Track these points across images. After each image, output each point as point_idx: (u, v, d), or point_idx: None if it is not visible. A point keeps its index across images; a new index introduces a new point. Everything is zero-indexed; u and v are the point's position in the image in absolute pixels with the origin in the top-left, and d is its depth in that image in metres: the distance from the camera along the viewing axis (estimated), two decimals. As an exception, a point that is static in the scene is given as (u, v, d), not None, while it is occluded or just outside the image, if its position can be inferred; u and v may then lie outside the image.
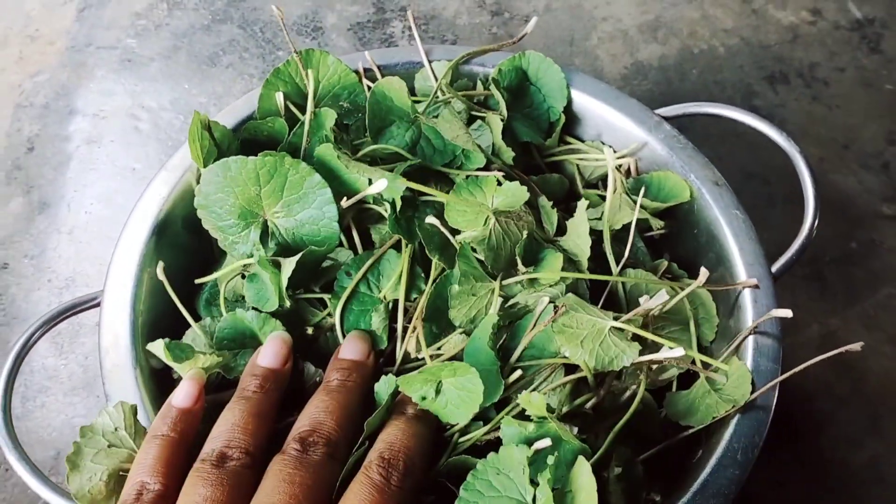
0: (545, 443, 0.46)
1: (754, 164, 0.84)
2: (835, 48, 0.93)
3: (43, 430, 0.69)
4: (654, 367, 0.55)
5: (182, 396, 0.48)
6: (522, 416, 0.49)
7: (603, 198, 0.62)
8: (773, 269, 0.58)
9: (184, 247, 0.61)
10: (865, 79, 0.91)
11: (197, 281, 0.59)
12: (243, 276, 0.57)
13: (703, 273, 0.54)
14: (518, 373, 0.50)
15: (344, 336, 0.55)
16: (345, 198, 0.56)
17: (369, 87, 0.64)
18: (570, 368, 0.52)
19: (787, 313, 0.53)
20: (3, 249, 0.80)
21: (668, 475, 0.53)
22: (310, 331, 0.56)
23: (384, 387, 0.51)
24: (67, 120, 0.89)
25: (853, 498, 0.68)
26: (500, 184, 0.58)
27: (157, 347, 0.50)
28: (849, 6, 0.97)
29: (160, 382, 0.55)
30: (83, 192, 0.84)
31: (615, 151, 0.65)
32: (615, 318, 0.51)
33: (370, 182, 0.55)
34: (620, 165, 0.65)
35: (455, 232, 0.56)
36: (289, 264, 0.53)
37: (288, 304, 0.54)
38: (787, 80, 0.91)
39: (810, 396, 0.72)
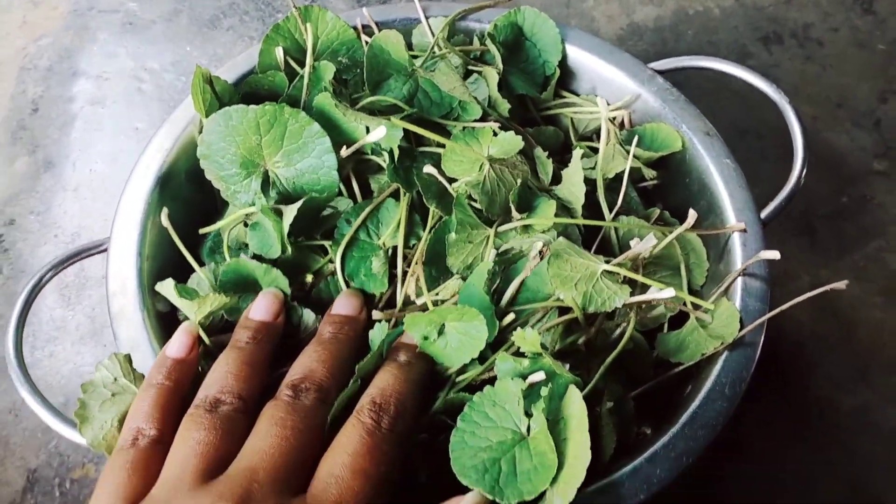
0: (539, 376, 0.47)
1: (748, 121, 0.85)
2: (829, 9, 0.94)
3: (52, 378, 0.71)
4: (644, 307, 0.57)
5: (176, 347, 0.49)
6: (517, 355, 0.51)
7: (596, 150, 0.63)
8: (762, 215, 0.59)
9: (186, 199, 0.62)
10: (858, 39, 0.92)
11: (201, 231, 0.60)
12: (246, 225, 0.59)
13: (692, 215, 0.55)
14: (512, 315, 0.52)
15: (345, 282, 0.57)
16: (344, 147, 0.57)
17: (367, 43, 0.65)
18: (564, 311, 0.53)
19: (774, 255, 0.55)
20: (9, 206, 0.81)
21: (659, 410, 0.55)
22: (309, 278, 0.58)
23: (378, 333, 0.53)
24: (71, 81, 0.90)
25: (837, 439, 0.70)
26: (495, 134, 0.59)
27: (167, 287, 0.52)
28: (843, -32, 0.98)
29: (166, 325, 0.56)
30: (87, 151, 0.85)
31: (609, 104, 0.67)
32: (607, 262, 0.53)
33: (368, 131, 0.57)
34: (614, 118, 0.66)
35: (452, 181, 0.58)
36: (290, 211, 0.55)
37: (290, 250, 0.56)
38: (781, 40, 0.92)
39: (801, 343, 0.74)
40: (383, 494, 0.42)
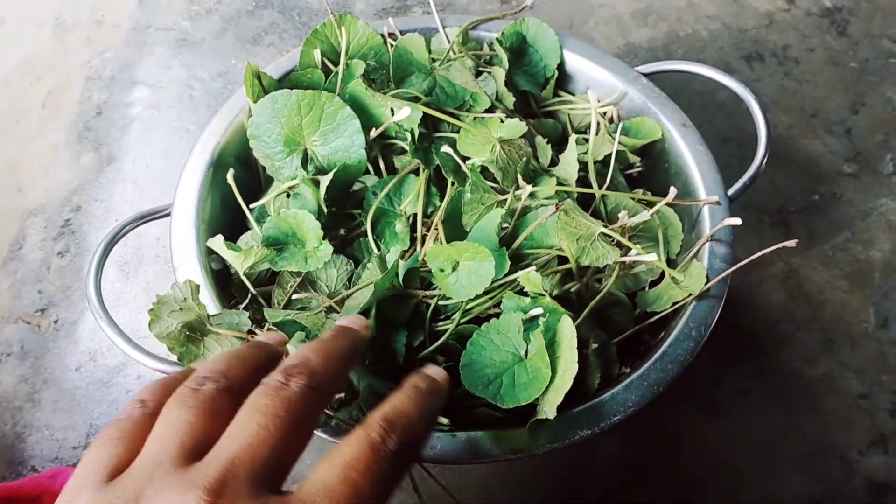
0: (538, 311, 0.57)
1: (731, 130, 0.95)
2: (806, 32, 1.05)
3: (111, 343, 0.81)
4: (627, 265, 0.66)
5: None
6: (521, 293, 0.60)
7: (589, 140, 0.73)
8: (729, 192, 0.68)
9: (235, 178, 0.71)
10: (833, 58, 1.02)
11: (251, 206, 0.69)
12: (288, 196, 0.69)
13: (672, 191, 0.65)
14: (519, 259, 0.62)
15: (376, 243, 0.66)
16: (373, 129, 0.68)
17: (393, 45, 0.75)
18: (562, 261, 0.63)
19: (736, 221, 0.64)
20: (76, 195, 0.93)
21: (638, 355, 0.64)
22: (342, 231, 0.68)
23: (393, 255, 0.62)
24: (131, 89, 1.02)
25: (808, 405, 0.78)
26: (502, 121, 0.70)
27: (217, 242, 0.62)
28: (820, -5, 1.09)
29: (219, 281, 0.66)
30: (144, 149, 0.96)
31: (600, 101, 0.77)
32: (604, 227, 0.62)
33: (393, 113, 0.67)
34: (605, 112, 0.76)
35: (464, 159, 0.68)
36: (326, 180, 0.65)
37: (326, 212, 0.65)
38: (762, 59, 1.02)
39: (773, 321, 0.83)
40: None
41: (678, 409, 0.77)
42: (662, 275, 0.66)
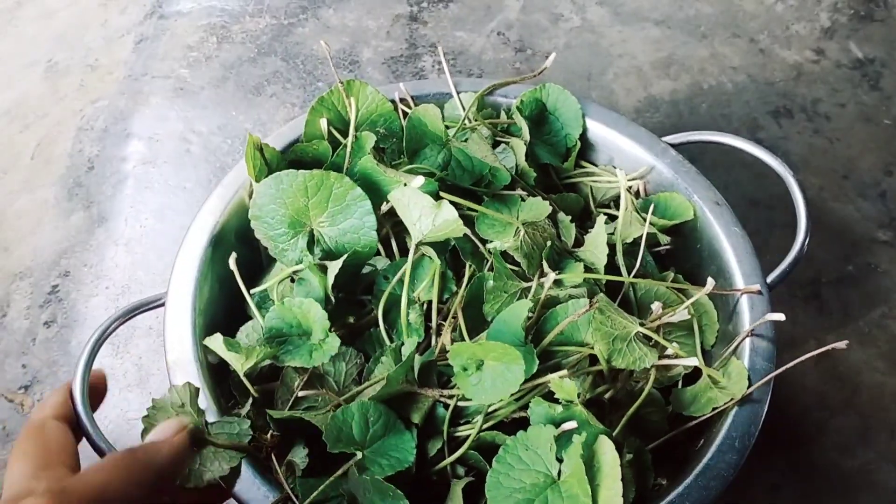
0: (571, 424, 0.51)
1: (758, 192, 0.90)
2: (837, 85, 1.00)
3: (100, 423, 0.76)
4: (664, 369, 0.61)
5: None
6: (548, 397, 0.55)
7: (614, 217, 0.68)
8: (769, 280, 0.64)
9: (236, 257, 0.66)
10: (865, 114, 0.97)
11: (252, 291, 0.64)
12: (292, 280, 0.64)
13: (710, 282, 0.60)
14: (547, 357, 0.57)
15: (387, 334, 0.61)
16: (385, 203, 0.63)
17: (404, 114, 0.71)
18: (592, 361, 0.58)
19: (780, 316, 0.59)
20: (65, 258, 0.87)
21: (674, 463, 0.59)
22: (351, 319, 0.63)
23: (409, 346, 0.57)
24: (125, 142, 0.97)
25: (841, 499, 0.73)
26: (522, 199, 0.65)
27: (216, 342, 0.57)
28: (850, 46, 1.04)
29: (215, 374, 0.61)
30: (139, 208, 0.91)
31: (626, 174, 0.72)
32: (641, 325, 0.58)
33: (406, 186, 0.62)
34: (631, 187, 0.71)
35: (483, 241, 0.63)
36: (334, 266, 0.59)
37: (333, 300, 0.60)
38: (790, 114, 0.97)
39: (806, 408, 0.78)
40: None
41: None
42: (698, 369, 0.61)
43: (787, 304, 0.83)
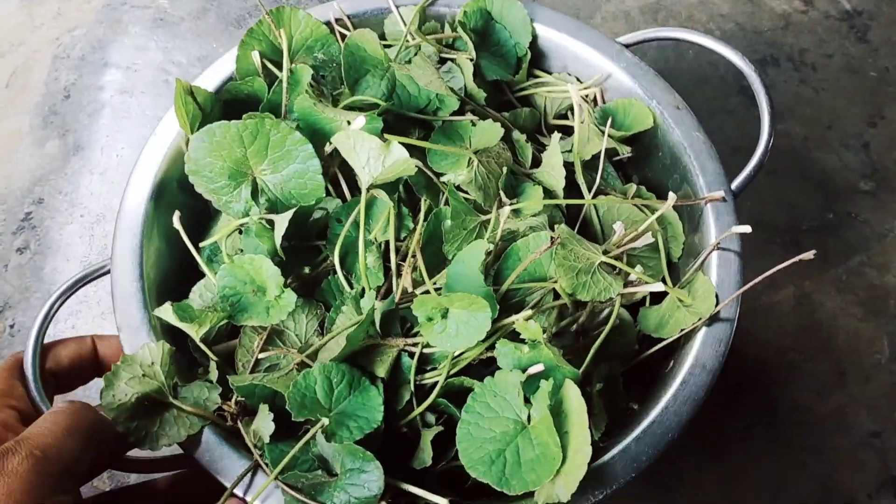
0: (538, 368, 0.50)
1: (741, 139, 0.89)
2: (824, 36, 0.98)
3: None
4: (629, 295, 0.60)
5: None
6: (514, 336, 0.53)
7: (571, 129, 0.65)
8: (733, 185, 0.61)
9: (181, 207, 0.62)
10: (851, 65, 0.96)
11: (200, 245, 0.61)
12: (240, 232, 0.60)
13: (672, 197, 0.58)
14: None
15: (347, 280, 0.58)
16: (328, 143, 0.59)
17: (342, 36, 0.66)
18: (556, 294, 0.56)
19: (746, 229, 0.58)
20: (39, 186, 0.85)
21: (645, 385, 0.58)
22: (306, 270, 0.60)
23: (367, 302, 0.55)
24: (102, 71, 0.93)
25: (811, 442, 0.74)
26: (473, 124, 0.61)
27: (166, 311, 0.54)
28: (839, -3, 1.03)
29: (174, 337, 0.58)
30: (115, 137, 0.89)
31: (581, 82, 0.68)
32: (604, 252, 0.56)
33: (349, 124, 0.57)
34: (587, 96, 0.68)
35: (438, 174, 0.60)
36: (282, 221, 0.56)
37: (283, 256, 0.57)
38: (777, 63, 0.96)
39: (782, 350, 0.78)
40: None
41: (676, 453, 0.73)
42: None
43: (766, 250, 0.83)
